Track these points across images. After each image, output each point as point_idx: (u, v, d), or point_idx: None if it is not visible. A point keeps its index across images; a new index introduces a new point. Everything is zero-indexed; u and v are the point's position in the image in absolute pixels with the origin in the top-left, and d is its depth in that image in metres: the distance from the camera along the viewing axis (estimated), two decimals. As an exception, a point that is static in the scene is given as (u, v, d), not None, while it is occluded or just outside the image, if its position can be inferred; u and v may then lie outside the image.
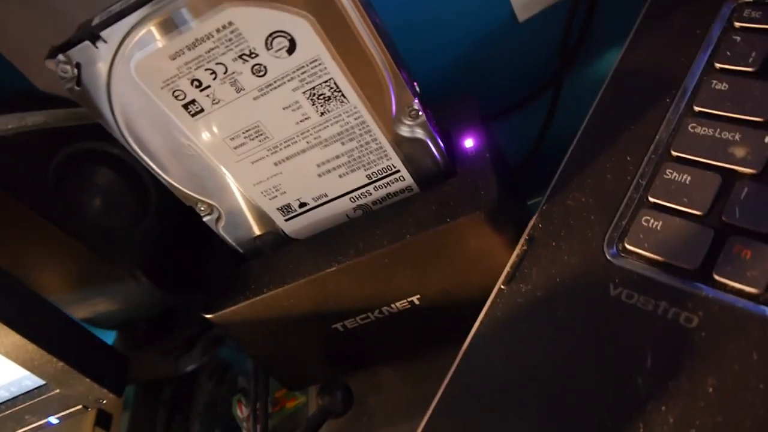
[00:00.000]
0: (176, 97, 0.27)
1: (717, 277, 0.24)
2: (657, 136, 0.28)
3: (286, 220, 0.32)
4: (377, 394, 0.35)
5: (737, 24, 0.29)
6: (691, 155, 0.27)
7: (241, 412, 0.37)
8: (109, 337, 0.45)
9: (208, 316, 0.32)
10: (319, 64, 0.26)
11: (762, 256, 0.23)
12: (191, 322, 0.42)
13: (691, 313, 0.24)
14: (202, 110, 0.27)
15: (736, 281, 0.23)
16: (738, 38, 0.28)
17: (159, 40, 0.25)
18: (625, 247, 0.26)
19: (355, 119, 0.28)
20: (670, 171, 0.27)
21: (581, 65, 0.40)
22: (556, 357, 0.26)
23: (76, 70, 0.26)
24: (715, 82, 0.28)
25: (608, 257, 0.26)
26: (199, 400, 0.42)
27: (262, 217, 0.32)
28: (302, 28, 0.25)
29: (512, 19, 0.38)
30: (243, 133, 0.28)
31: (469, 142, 0.31)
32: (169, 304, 0.40)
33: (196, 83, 0.26)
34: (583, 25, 0.39)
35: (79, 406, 0.31)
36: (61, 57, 0.26)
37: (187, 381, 0.43)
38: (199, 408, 0.41)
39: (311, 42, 0.26)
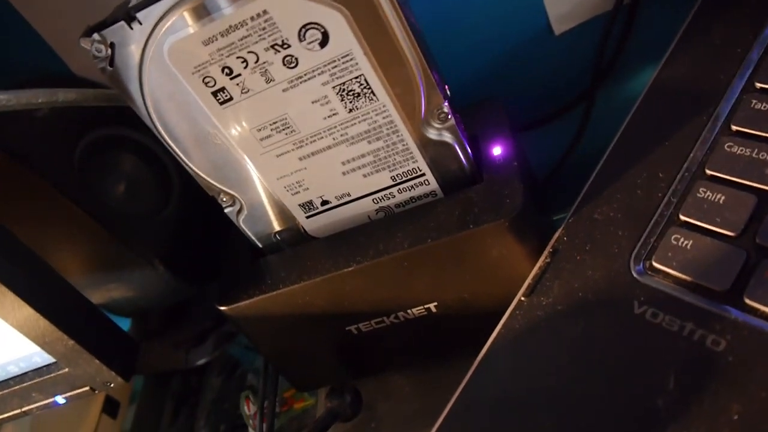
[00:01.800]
0: (206, 83, 0.27)
1: (747, 301, 0.23)
2: (691, 154, 0.27)
3: (307, 218, 0.32)
4: (387, 401, 0.35)
5: (781, 44, 0.28)
6: (726, 175, 0.26)
7: (249, 409, 0.37)
8: (123, 324, 0.45)
9: (222, 308, 0.32)
10: (351, 59, 0.26)
11: (796, 282, 0.22)
12: (205, 315, 0.42)
13: (718, 336, 0.23)
14: (230, 98, 0.27)
15: (767, 305, 0.23)
16: (781, 58, 0.28)
17: (191, 26, 0.25)
18: (652, 265, 0.25)
19: (384, 118, 0.28)
20: (704, 189, 0.26)
21: (615, 82, 0.39)
22: (574, 374, 0.25)
23: (109, 50, 0.26)
24: (755, 101, 0.27)
25: (634, 274, 0.26)
26: (207, 394, 0.41)
27: (283, 212, 0.32)
28: (336, 21, 0.25)
29: (548, 31, 0.38)
30: (270, 124, 0.28)
31: (496, 150, 0.30)
32: (184, 294, 0.40)
33: (226, 71, 0.26)
34: (618, 42, 0.38)
35: (86, 388, 0.31)
36: (96, 36, 0.26)
37: (196, 375, 0.43)
38: (207, 403, 0.41)
39: (344, 36, 0.25)
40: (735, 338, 0.23)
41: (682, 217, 0.26)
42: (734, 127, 0.27)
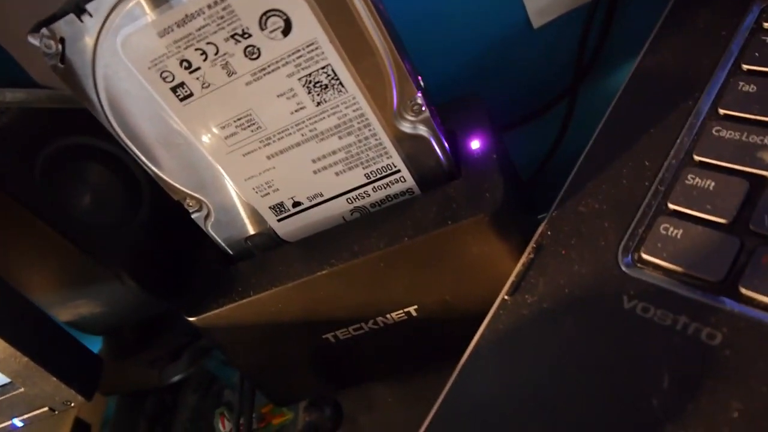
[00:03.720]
0: (164, 78, 0.25)
1: (743, 291, 0.21)
2: (678, 141, 0.26)
3: (279, 221, 0.30)
4: (369, 412, 0.33)
5: (766, 24, 0.27)
6: (715, 160, 0.24)
7: (224, 426, 0.35)
8: (95, 343, 0.43)
9: (191, 319, 0.30)
10: (316, 48, 0.25)
11: (794, 268, 0.21)
12: (178, 330, 0.40)
13: (713, 329, 0.21)
14: (191, 94, 0.26)
15: (763, 294, 0.21)
16: (767, 39, 0.26)
17: (148, 14, 0.24)
18: (641, 257, 0.24)
19: (354, 111, 0.26)
20: (692, 176, 0.24)
21: (597, 76, 0.38)
22: (562, 375, 0.23)
23: (60, 46, 0.25)
24: (742, 83, 0.26)
25: (623, 267, 0.24)
26: (183, 412, 0.39)
27: (253, 216, 0.30)
28: (299, 7, 0.23)
29: (527, 25, 0.37)
30: (234, 121, 0.27)
31: (475, 143, 0.29)
32: (155, 309, 0.38)
33: (185, 64, 0.25)
34: (599, 35, 0.37)
35: (45, 408, 0.29)
36: (44, 31, 0.25)
37: (170, 392, 0.41)
38: (182, 421, 0.39)
39: (308, 23, 0.24)
40: (731, 331, 0.21)
41: (671, 206, 0.24)
42: (722, 111, 0.25)
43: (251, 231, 0.31)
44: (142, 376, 0.40)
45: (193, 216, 0.30)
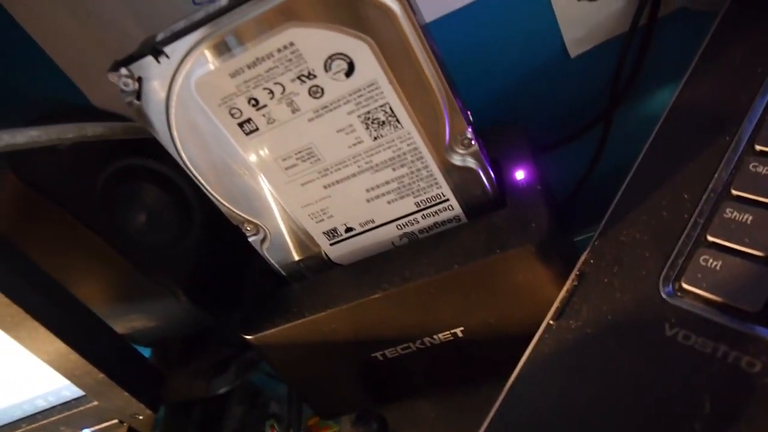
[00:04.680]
0: (233, 115, 0.27)
1: (781, 321, 0.23)
2: (716, 175, 0.27)
3: (331, 245, 0.32)
4: (413, 428, 0.34)
5: (802, 64, 0.28)
6: (752, 194, 0.26)
7: (274, 437, 0.37)
8: (143, 353, 0.45)
9: (247, 337, 0.32)
10: (376, 88, 0.26)
11: (830, 302, 0.22)
12: (226, 343, 0.42)
13: (753, 358, 0.23)
14: (257, 129, 0.28)
15: (801, 326, 0.22)
16: (803, 78, 0.28)
17: (211, 62, 0.25)
18: (681, 287, 0.25)
19: (408, 145, 0.28)
20: (731, 210, 0.26)
21: (632, 103, 0.40)
22: (606, 398, 0.25)
23: (137, 84, 0.27)
24: (779, 121, 0.27)
25: (664, 296, 0.25)
26: (229, 423, 0.41)
27: (307, 240, 0.32)
28: (362, 51, 0.25)
29: (564, 54, 0.38)
30: (295, 154, 0.28)
31: (519, 174, 0.31)
32: (206, 323, 0.40)
33: (253, 102, 0.27)
34: (635, 63, 0.38)
35: (115, 421, 0.31)
36: (123, 71, 0.27)
37: (217, 404, 0.43)
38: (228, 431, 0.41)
39: (370, 66, 0.26)
40: (770, 360, 0.22)
41: (710, 238, 0.26)
42: (758, 147, 0.27)
43: (302, 254, 0.33)
44: (190, 387, 0.42)
45: (250, 239, 0.32)
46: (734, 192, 0.26)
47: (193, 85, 0.26)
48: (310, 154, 0.28)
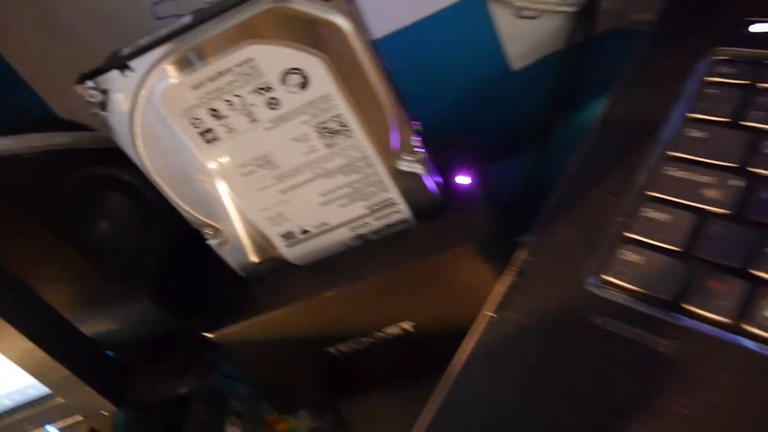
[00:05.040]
0: (194, 124, 0.29)
1: (692, 308, 0.26)
2: (636, 179, 0.30)
3: (288, 247, 0.34)
4: (369, 419, 0.36)
5: (711, 79, 0.31)
6: (667, 196, 0.29)
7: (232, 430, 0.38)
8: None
9: (209, 335, 0.33)
10: (330, 100, 0.28)
11: (732, 289, 0.25)
12: (189, 345, 0.43)
13: (666, 340, 0.26)
14: (217, 138, 0.29)
15: (709, 311, 0.25)
16: (712, 91, 0.31)
17: (174, 76, 0.27)
18: (605, 279, 0.28)
19: (359, 153, 0.30)
20: (648, 210, 0.29)
21: (571, 114, 0.43)
22: (540, 382, 0.27)
23: (103, 96, 0.28)
24: (690, 130, 0.30)
25: (590, 288, 0.28)
26: (191, 423, 0.42)
27: (265, 242, 0.34)
28: (316, 66, 0.27)
29: (506, 68, 0.41)
30: (253, 161, 0.30)
31: (462, 179, 0.33)
32: (170, 327, 0.41)
33: (213, 112, 0.29)
34: (573, 76, 0.41)
35: (78, 417, 0.32)
36: (89, 83, 0.28)
37: (179, 404, 0.44)
38: (192, 431, 0.42)
39: (323, 80, 0.28)
40: (682, 342, 0.25)
41: (631, 235, 0.29)
42: (672, 153, 0.30)
43: (261, 257, 0.35)
44: (153, 388, 0.43)
45: (209, 242, 0.34)
46: (651, 194, 0.29)
47: (156, 97, 0.28)
48: (267, 161, 0.30)
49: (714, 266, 0.26)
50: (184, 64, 0.27)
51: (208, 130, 0.29)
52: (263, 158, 0.30)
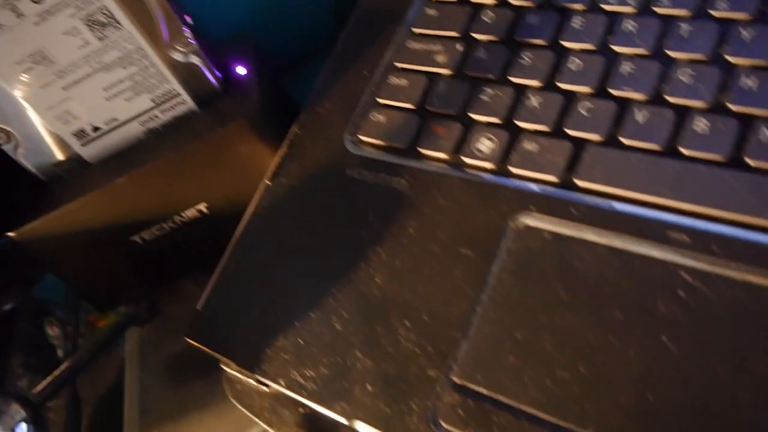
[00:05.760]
0: (-40, 21, 0.30)
1: (420, 150, 0.31)
2: (386, 55, 0.35)
3: (83, 145, 0.36)
4: (180, 303, 0.39)
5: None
6: (408, 65, 0.33)
7: (53, 331, 0.40)
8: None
9: (10, 234, 0.35)
10: (91, -9, 0.31)
11: (451, 131, 0.30)
12: (6, 263, 0.44)
13: (401, 179, 0.30)
14: (-14, 35, 0.31)
15: (432, 151, 0.30)
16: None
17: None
18: (359, 139, 0.32)
19: (132, 45, 0.33)
20: (393, 78, 0.33)
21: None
22: (310, 231, 0.31)
23: None
24: (428, 10, 0.35)
25: (347, 148, 0.33)
26: (18, 338, 0.44)
27: (59, 143, 0.36)
28: (71, -43, 0.29)
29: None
30: (28, 57, 0.32)
31: (241, 69, 0.36)
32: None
33: (-23, 8, 0.30)
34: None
35: None
36: None
37: (3, 321, 0.45)
38: (18, 345, 0.43)
39: (81, -30, 0.30)
40: (412, 178, 0.30)
41: (380, 100, 0.33)
42: (415, 30, 0.34)
43: (60, 157, 0.36)
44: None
45: (2, 147, 0.35)
46: (396, 65, 0.34)
47: None
48: (42, 57, 0.32)
49: (439, 116, 0.31)
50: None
51: (-24, 27, 0.31)
52: (38, 54, 0.32)
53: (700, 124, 0.25)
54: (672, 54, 0.27)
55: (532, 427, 0.23)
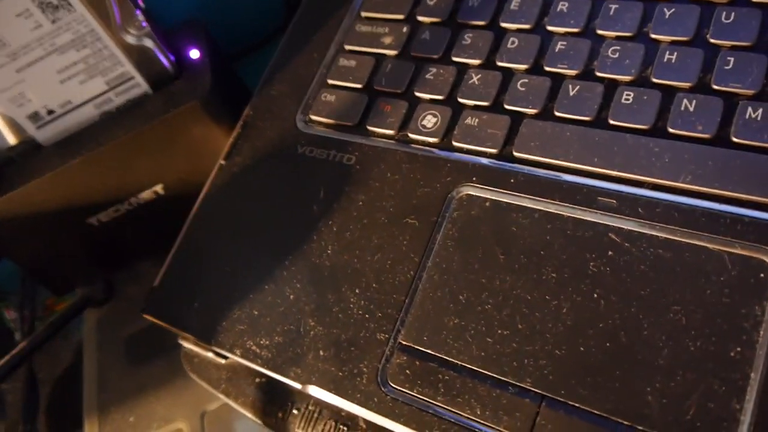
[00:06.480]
0: None
1: (369, 127, 0.32)
2: (336, 37, 0.36)
3: (38, 128, 0.36)
4: (139, 285, 0.40)
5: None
6: (357, 47, 0.35)
7: (10, 315, 0.40)
8: None
9: (-37, 219, 0.35)
10: (42, -27, 0.31)
11: (397, 108, 0.32)
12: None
13: (350, 155, 0.32)
14: (-63, 16, 0.31)
15: (380, 128, 0.32)
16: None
17: None
18: (310, 118, 0.34)
19: (85, 27, 0.33)
20: (342, 60, 0.35)
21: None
22: (263, 207, 0.32)
23: None
24: (375, -5, 0.36)
25: (299, 126, 0.34)
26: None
27: (13, 126, 0.36)
28: (21, -61, 0.30)
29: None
30: (-20, 39, 0.32)
31: (194, 53, 0.37)
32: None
33: (-73, -10, 0.30)
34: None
35: None
36: None
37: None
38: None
39: (32, -47, 0.30)
40: (360, 154, 0.31)
41: (330, 81, 0.34)
42: (363, 14, 0.36)
43: (13, 141, 0.37)
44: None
45: (-47, 131, 0.35)
46: (346, 47, 0.35)
47: None
48: (-6, 38, 0.33)
49: (386, 94, 0.32)
50: None
51: (-73, 9, 0.31)
52: (-10, 36, 0.32)
53: (627, 96, 0.27)
54: (601, 32, 0.29)
55: (474, 382, 0.25)
